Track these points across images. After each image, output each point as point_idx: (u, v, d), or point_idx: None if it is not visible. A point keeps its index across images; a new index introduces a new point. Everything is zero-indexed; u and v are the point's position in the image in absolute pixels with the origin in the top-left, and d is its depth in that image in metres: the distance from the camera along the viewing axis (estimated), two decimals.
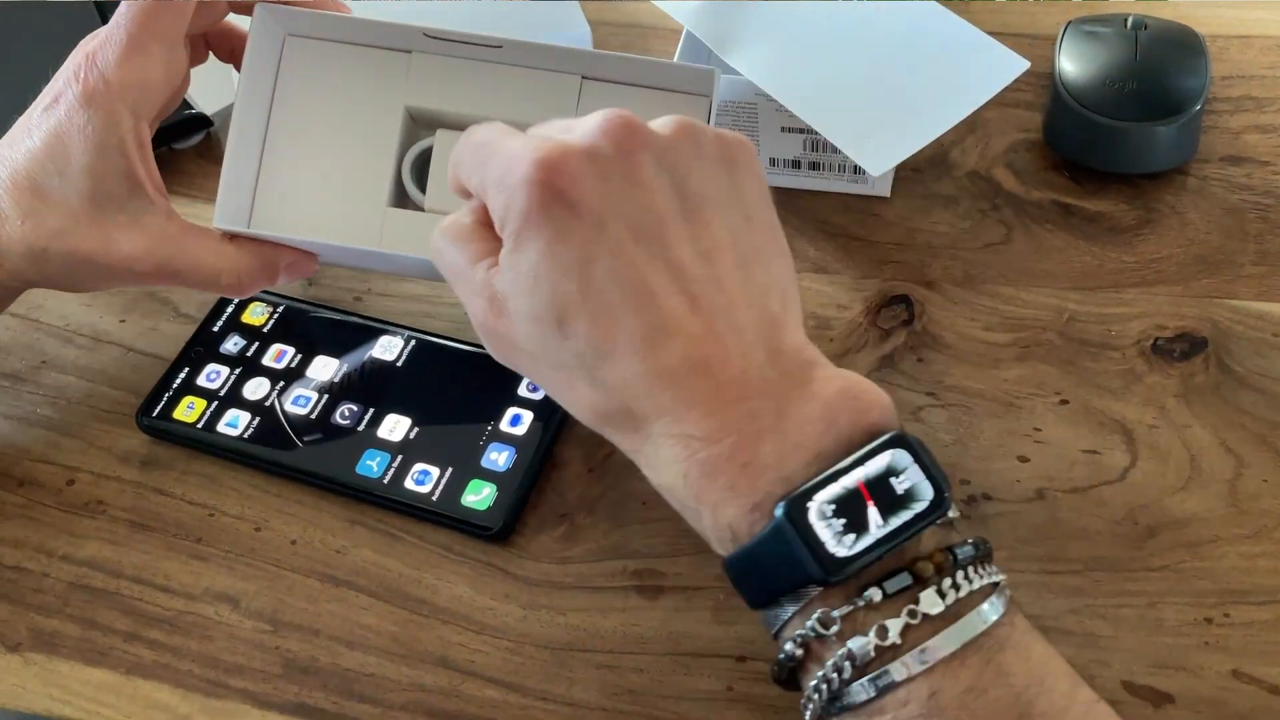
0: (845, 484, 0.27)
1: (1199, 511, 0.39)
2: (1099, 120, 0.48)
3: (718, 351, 0.28)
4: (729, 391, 0.28)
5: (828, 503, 0.26)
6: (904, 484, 0.27)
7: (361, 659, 0.37)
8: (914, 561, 0.27)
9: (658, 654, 0.37)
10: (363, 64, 0.43)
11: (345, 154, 0.43)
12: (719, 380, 0.28)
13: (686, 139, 0.30)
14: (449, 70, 0.42)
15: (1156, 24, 0.51)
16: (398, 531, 0.40)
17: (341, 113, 0.43)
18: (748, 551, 0.27)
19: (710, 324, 0.29)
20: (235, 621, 0.39)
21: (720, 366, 0.28)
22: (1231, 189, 0.49)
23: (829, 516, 0.26)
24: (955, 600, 0.26)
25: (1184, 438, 0.41)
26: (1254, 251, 0.46)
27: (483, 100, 0.42)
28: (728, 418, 0.28)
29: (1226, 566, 0.37)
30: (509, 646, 0.37)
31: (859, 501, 0.26)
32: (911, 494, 0.27)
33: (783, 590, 0.27)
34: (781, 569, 0.27)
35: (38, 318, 0.49)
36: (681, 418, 0.28)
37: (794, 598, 0.27)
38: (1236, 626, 0.36)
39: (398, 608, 0.39)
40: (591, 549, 0.40)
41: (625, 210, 0.29)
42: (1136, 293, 0.45)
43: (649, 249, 0.29)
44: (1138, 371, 0.43)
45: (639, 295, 0.28)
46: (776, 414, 0.28)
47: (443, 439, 0.42)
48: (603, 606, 0.38)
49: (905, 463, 0.27)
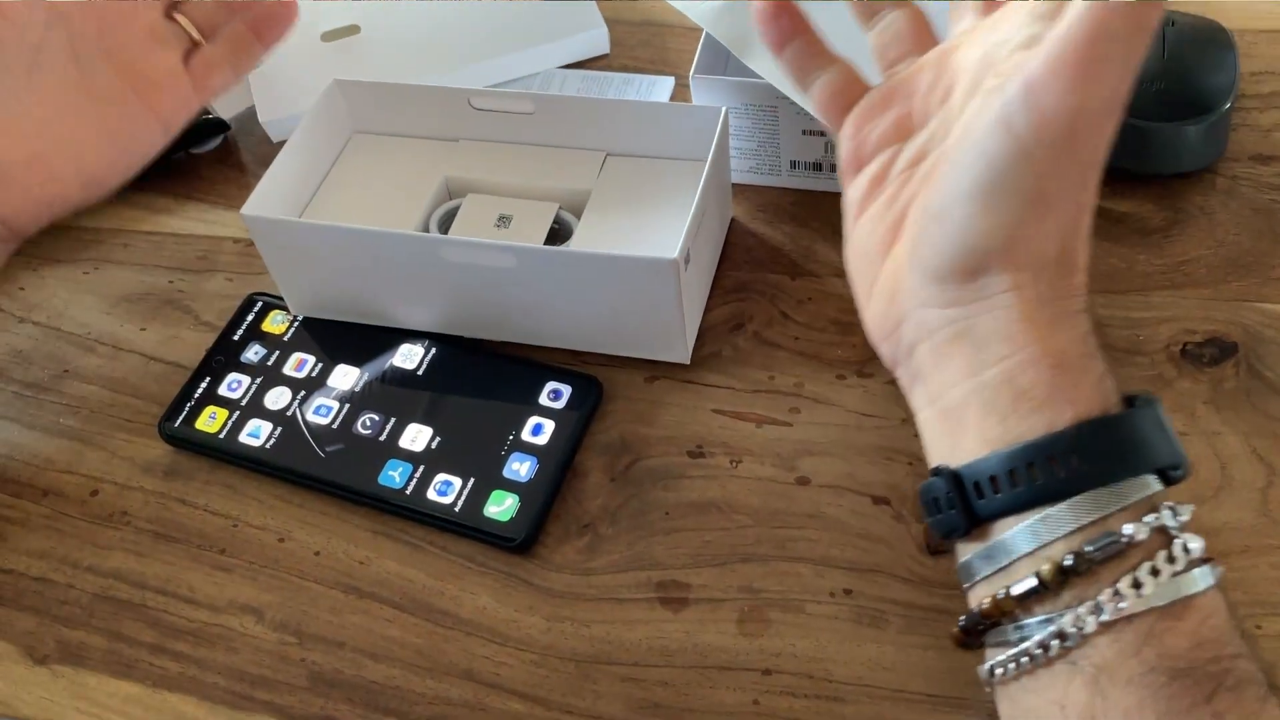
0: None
1: (1229, 521, 0.38)
2: (1126, 120, 0.47)
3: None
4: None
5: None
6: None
7: (386, 671, 0.37)
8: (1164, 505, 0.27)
9: (683, 667, 0.37)
10: (414, 148, 0.50)
11: (381, 208, 0.47)
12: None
13: None
14: (487, 151, 0.49)
15: (1184, 20, 0.50)
16: (421, 542, 0.40)
17: (388, 181, 0.49)
18: (1117, 419, 0.27)
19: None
20: (260, 633, 0.39)
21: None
22: (1261, 189, 0.48)
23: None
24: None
25: (1214, 445, 0.40)
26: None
27: (513, 170, 0.48)
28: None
29: (1258, 577, 0.37)
30: (533, 659, 0.37)
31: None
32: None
33: (1123, 473, 0.27)
34: (1142, 450, 0.27)
35: (59, 325, 0.49)
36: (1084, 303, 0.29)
37: (1123, 488, 0.27)
38: (1269, 639, 0.36)
39: (421, 619, 0.38)
40: (615, 560, 0.39)
41: None
42: (1165, 296, 0.45)
43: None
44: (1167, 377, 0.42)
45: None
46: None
47: (464, 449, 0.42)
48: (627, 618, 0.38)
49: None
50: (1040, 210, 0.28)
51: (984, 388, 0.29)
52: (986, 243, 0.28)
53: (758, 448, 0.42)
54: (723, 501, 0.40)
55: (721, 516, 0.40)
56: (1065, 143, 0.27)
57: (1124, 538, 0.26)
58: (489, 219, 0.46)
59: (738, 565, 0.39)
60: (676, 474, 0.41)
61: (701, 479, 0.41)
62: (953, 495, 0.29)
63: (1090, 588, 0.27)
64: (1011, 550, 0.28)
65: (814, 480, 0.41)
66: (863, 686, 0.36)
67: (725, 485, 0.41)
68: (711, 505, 0.40)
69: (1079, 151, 0.27)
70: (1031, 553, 0.28)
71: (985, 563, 0.29)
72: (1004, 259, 0.29)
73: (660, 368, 0.44)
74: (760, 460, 0.41)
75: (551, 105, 0.47)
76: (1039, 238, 0.28)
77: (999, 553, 0.28)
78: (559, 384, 0.43)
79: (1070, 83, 0.26)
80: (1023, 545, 0.28)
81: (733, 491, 0.41)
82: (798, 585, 0.38)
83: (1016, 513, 0.28)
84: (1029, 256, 0.29)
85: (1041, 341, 0.28)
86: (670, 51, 0.58)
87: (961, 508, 0.29)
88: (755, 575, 0.38)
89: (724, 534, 0.40)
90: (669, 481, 0.41)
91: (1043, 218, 0.28)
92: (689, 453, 0.42)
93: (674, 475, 0.41)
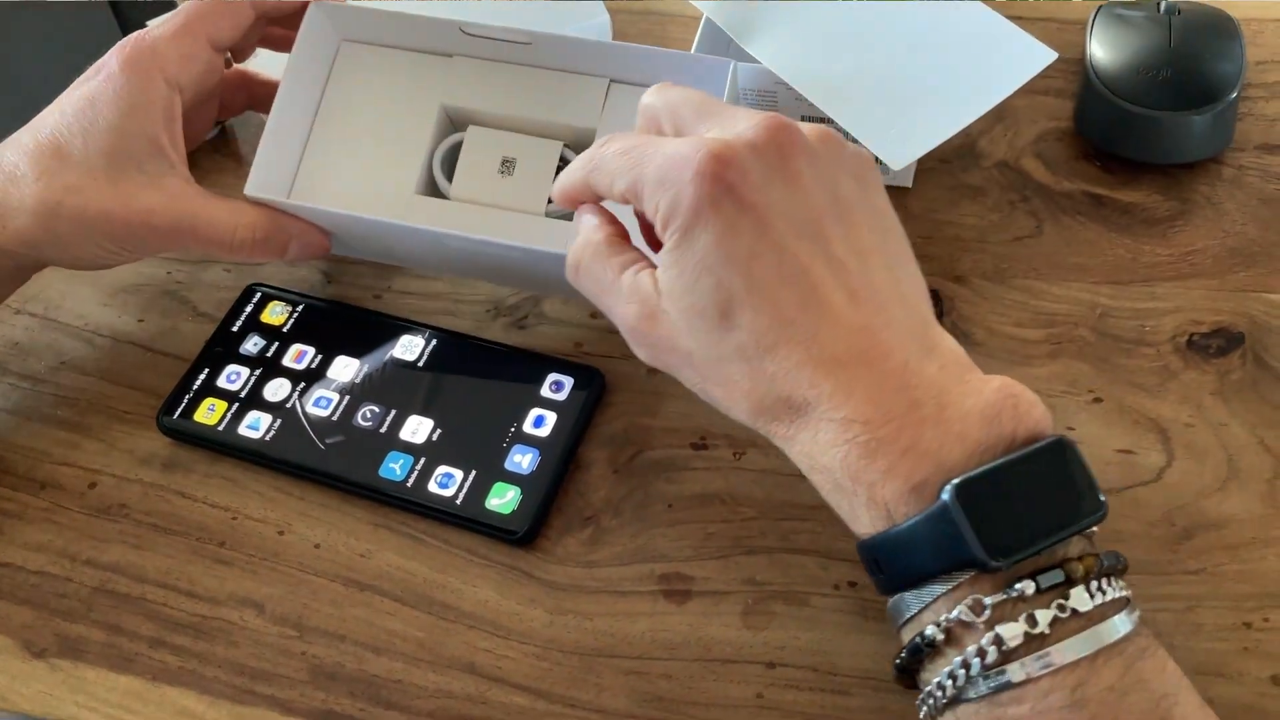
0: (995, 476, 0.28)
1: (1237, 512, 0.38)
2: (1132, 109, 0.47)
3: (879, 344, 0.29)
4: (891, 381, 0.29)
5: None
6: None
7: (388, 665, 0.37)
8: (1064, 561, 0.27)
9: (686, 660, 0.36)
10: (406, 66, 0.46)
11: (381, 146, 0.45)
12: (881, 370, 0.29)
13: (833, 147, 0.32)
14: (484, 73, 0.45)
15: (1190, 8, 0.50)
16: (422, 535, 0.40)
17: (383, 109, 0.45)
18: (906, 530, 0.28)
19: (870, 318, 0.30)
20: (260, 627, 0.38)
21: (882, 358, 0.29)
22: (1268, 178, 0.48)
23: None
24: (1102, 602, 0.27)
25: (1221, 436, 0.40)
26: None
27: (514, 101, 0.45)
28: (890, 405, 0.28)
29: (1266, 569, 0.37)
30: (535, 652, 0.37)
31: (1012, 495, 0.27)
32: None
33: (934, 572, 0.28)
34: (940, 549, 0.27)
35: (55, 317, 0.48)
36: (842, 404, 0.29)
37: (943, 580, 0.28)
38: (1277, 631, 0.35)
39: (423, 612, 0.38)
40: (617, 552, 0.39)
41: (787, 208, 0.30)
42: (1171, 287, 0.44)
43: (810, 245, 0.30)
44: (1173, 368, 0.42)
45: (803, 288, 0.30)
46: (938, 405, 0.28)
47: (466, 441, 0.41)
48: (630, 611, 0.38)
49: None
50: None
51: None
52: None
53: (761, 439, 0.41)
54: (726, 493, 0.40)
55: (725, 508, 0.40)
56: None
57: (926, 640, 0.28)
58: (493, 165, 0.44)
59: (741, 558, 0.38)
60: (680, 466, 0.41)
61: (705, 471, 0.41)
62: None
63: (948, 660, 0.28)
64: (901, 611, 0.30)
65: None
66: (867, 679, 0.35)
67: (728, 477, 0.40)
68: (715, 497, 0.40)
69: None
70: (915, 614, 0.29)
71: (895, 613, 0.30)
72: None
73: None
74: (764, 452, 0.41)
75: (550, 42, 0.44)
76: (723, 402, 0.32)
77: (892, 611, 0.30)
78: (561, 375, 0.43)
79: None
80: (893, 621, 0.30)
81: (736, 483, 0.40)
82: (802, 577, 0.38)
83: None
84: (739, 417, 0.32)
85: (810, 460, 0.30)
86: (672, 41, 0.57)
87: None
88: (759, 567, 0.38)
89: (727, 526, 0.39)
90: (672, 473, 0.41)
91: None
92: (692, 444, 0.42)
93: (677, 467, 0.41)
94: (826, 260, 0.30)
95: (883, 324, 0.30)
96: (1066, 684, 0.26)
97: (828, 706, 0.35)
